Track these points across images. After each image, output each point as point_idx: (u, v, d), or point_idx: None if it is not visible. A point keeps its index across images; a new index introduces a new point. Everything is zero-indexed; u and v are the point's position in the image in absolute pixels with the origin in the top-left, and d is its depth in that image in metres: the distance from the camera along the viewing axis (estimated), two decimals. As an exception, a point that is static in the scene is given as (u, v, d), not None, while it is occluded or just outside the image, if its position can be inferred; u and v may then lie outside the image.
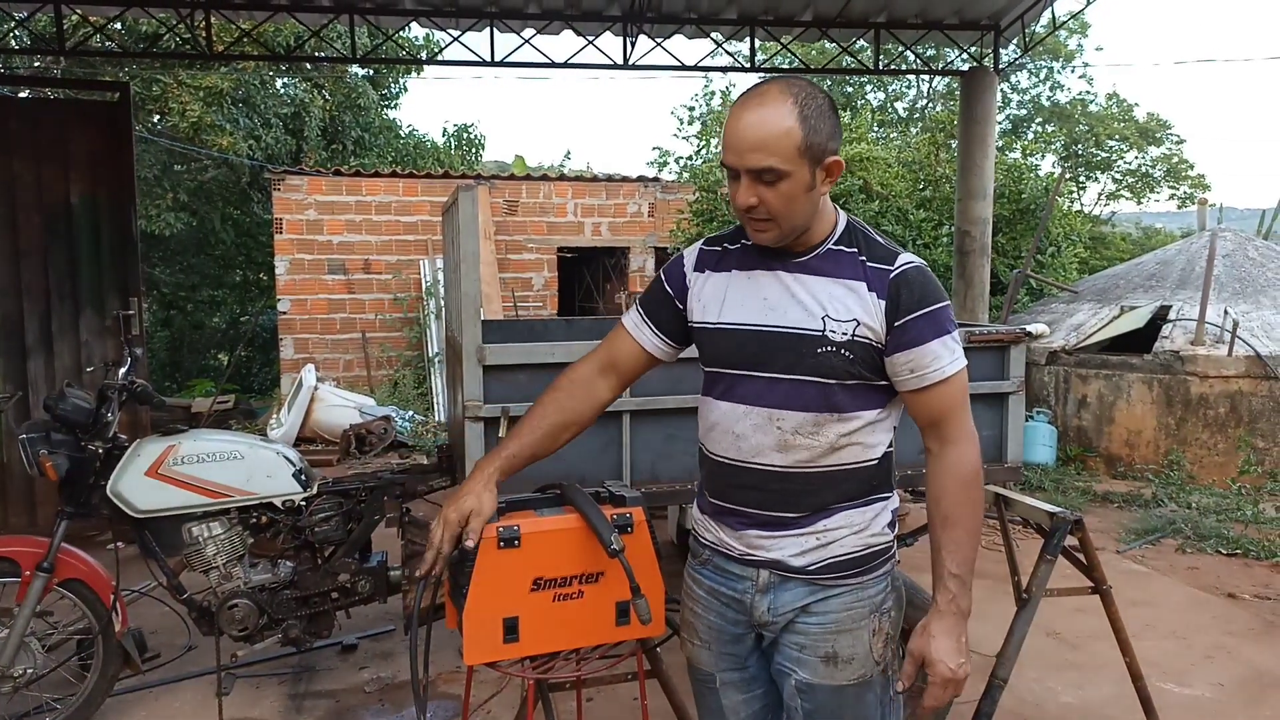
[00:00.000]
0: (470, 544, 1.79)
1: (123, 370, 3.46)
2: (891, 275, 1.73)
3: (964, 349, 1.79)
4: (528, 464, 1.93)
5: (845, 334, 1.72)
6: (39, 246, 5.91)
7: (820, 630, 1.79)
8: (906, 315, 1.71)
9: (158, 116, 14.72)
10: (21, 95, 11.07)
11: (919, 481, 3.62)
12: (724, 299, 1.84)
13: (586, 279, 14.96)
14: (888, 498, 1.86)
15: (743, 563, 1.84)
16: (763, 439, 1.78)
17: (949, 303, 1.77)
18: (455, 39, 7.79)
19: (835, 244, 1.77)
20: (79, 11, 7.79)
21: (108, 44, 10.11)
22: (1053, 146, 19.68)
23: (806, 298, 1.75)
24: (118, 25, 11.81)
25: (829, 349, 1.72)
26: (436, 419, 10.26)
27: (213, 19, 7.60)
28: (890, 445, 1.85)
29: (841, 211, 1.84)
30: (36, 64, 12.83)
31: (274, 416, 10.02)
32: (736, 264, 1.85)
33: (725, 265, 1.86)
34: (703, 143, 18.84)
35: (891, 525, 1.85)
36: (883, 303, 1.71)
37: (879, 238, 1.80)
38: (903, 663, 1.79)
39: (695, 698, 2.01)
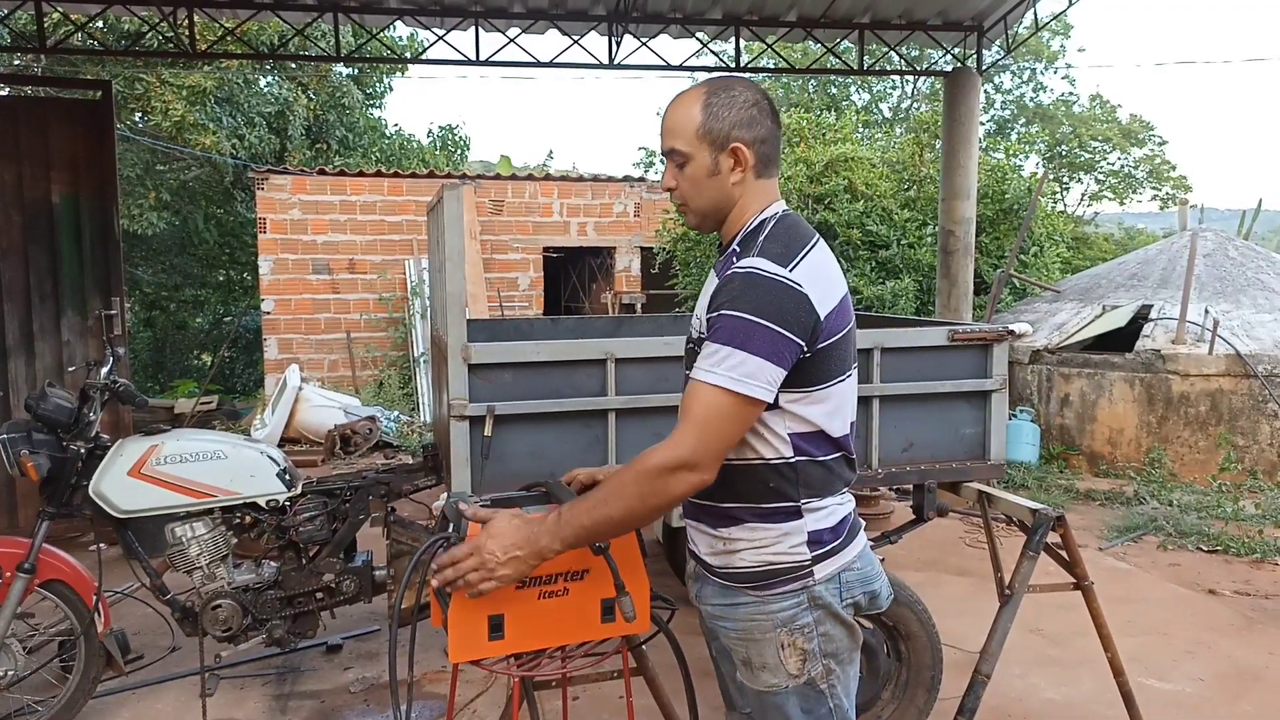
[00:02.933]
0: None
1: (105, 370, 3.44)
2: (726, 275, 1.74)
3: (949, 348, 1.78)
4: None
5: (698, 331, 1.81)
6: (19, 246, 5.86)
7: (735, 635, 1.84)
8: (709, 312, 1.73)
9: (140, 115, 14.62)
10: (1, 93, 10.98)
11: (901, 480, 3.64)
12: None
13: (572, 279, 14.96)
14: (799, 518, 1.77)
15: (688, 547, 1.98)
16: None
17: (760, 320, 1.63)
18: (440, 38, 7.77)
19: (737, 243, 1.82)
20: (60, 9, 7.72)
21: (89, 42, 10.03)
22: (1036, 147, 19.75)
23: (704, 296, 1.85)
24: (99, 23, 11.72)
25: (691, 345, 1.86)
26: (422, 419, 10.24)
27: (195, 17, 7.55)
28: (800, 455, 1.76)
29: (769, 212, 1.81)
30: (17, 62, 12.72)
31: (258, 417, 9.97)
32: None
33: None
34: (688, 143, 18.79)
35: (812, 544, 1.78)
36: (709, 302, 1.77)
37: (761, 239, 1.75)
38: (833, 673, 1.82)
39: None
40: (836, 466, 1.82)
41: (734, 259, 1.77)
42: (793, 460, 1.77)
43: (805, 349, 1.69)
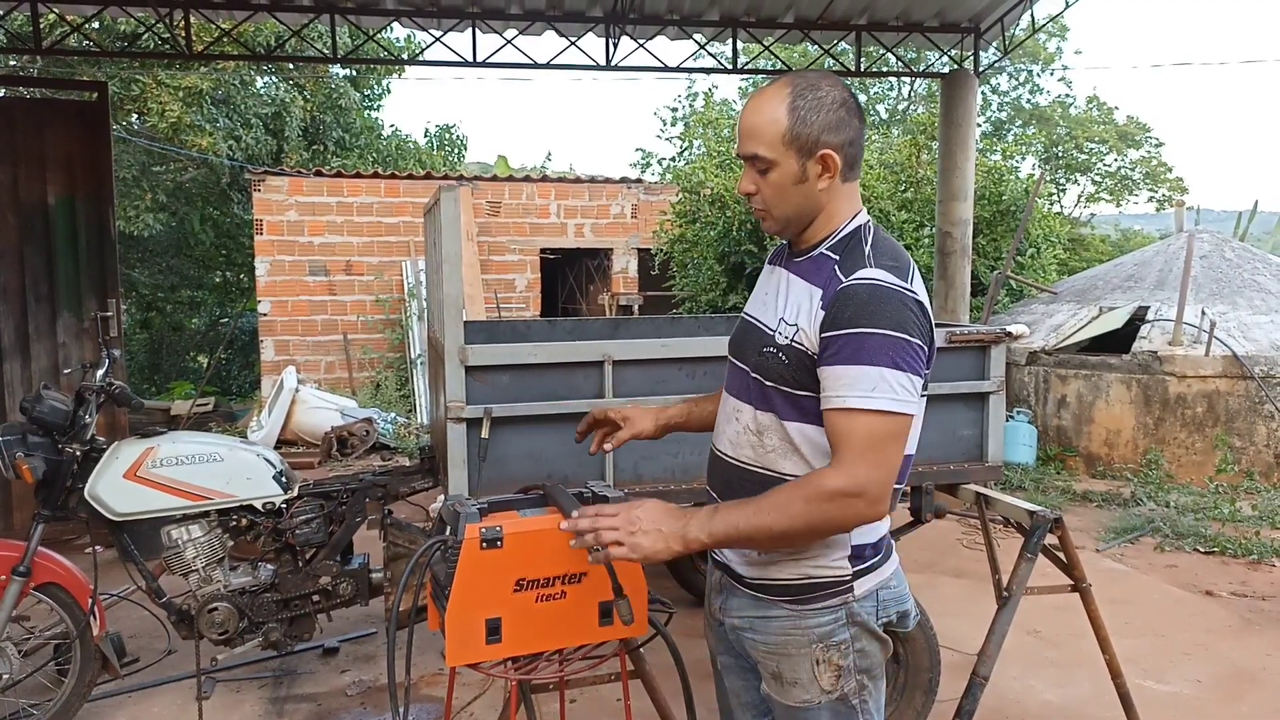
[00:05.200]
0: (608, 448, 2.11)
1: (100, 372, 3.43)
2: (840, 287, 1.63)
3: (947, 350, 1.75)
4: (699, 427, 2.10)
5: (787, 338, 1.69)
6: (15, 247, 5.85)
7: (765, 649, 1.79)
8: (832, 330, 1.61)
9: (136, 116, 14.59)
10: (-3, 94, 10.95)
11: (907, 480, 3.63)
12: (755, 291, 1.93)
13: (569, 280, 14.95)
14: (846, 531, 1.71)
15: (713, 558, 1.92)
16: (726, 426, 1.85)
17: (900, 335, 1.58)
18: (437, 39, 7.76)
19: (828, 248, 1.74)
20: (56, 10, 7.71)
21: (85, 43, 10.00)
22: (1033, 149, 19.78)
23: (782, 297, 1.77)
24: (95, 24, 11.69)
25: (771, 349, 1.72)
26: (419, 421, 10.22)
27: (192, 18, 7.53)
28: None
29: (860, 219, 1.76)
30: (12, 63, 12.69)
31: (254, 419, 9.95)
32: (778, 260, 1.90)
33: (774, 260, 1.93)
34: (685, 144, 18.82)
35: (854, 558, 1.73)
36: (822, 314, 1.64)
37: (868, 249, 1.68)
38: (865, 689, 1.76)
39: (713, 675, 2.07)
40: (899, 488, 1.75)
41: (834, 267, 1.68)
42: None
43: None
